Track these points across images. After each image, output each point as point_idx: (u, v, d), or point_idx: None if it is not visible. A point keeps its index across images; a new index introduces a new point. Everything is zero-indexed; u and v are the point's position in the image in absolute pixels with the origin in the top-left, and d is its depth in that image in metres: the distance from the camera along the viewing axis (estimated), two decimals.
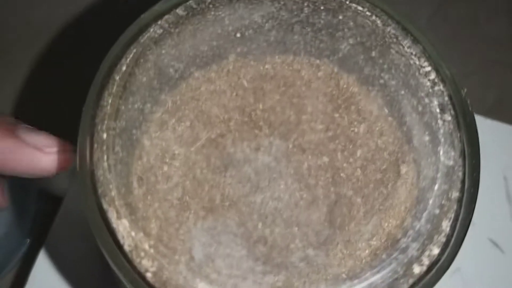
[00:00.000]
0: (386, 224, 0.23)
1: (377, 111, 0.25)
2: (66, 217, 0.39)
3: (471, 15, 0.52)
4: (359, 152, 0.24)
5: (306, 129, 0.24)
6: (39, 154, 0.22)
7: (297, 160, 0.24)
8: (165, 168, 0.23)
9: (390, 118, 0.25)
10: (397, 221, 0.23)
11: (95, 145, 0.22)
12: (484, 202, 0.26)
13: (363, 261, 0.22)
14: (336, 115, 0.25)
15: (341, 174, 0.24)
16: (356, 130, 0.24)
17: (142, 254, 0.21)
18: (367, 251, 0.22)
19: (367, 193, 0.23)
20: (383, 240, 0.23)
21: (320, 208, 0.23)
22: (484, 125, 0.40)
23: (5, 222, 0.43)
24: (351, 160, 0.24)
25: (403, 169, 0.24)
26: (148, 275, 0.21)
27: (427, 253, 0.22)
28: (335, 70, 0.26)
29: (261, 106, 0.25)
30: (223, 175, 0.23)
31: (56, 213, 0.39)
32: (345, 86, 0.26)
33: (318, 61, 0.26)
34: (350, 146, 0.24)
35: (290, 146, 0.24)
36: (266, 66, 0.26)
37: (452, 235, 0.22)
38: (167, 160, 0.23)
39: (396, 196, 0.23)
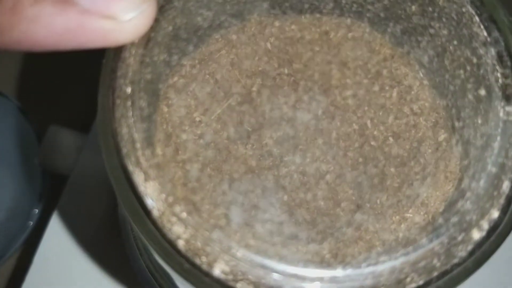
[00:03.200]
0: (437, 187, 0.21)
1: (412, 73, 0.23)
2: (72, 195, 0.38)
3: None
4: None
5: (336, 95, 0.23)
6: (113, 24, 0.17)
7: (327, 129, 0.22)
8: (196, 125, 0.21)
9: (425, 82, 0.23)
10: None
11: (118, 101, 0.20)
12: None
13: (418, 226, 0.20)
14: (366, 81, 0.23)
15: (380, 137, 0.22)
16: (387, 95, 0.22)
17: (174, 219, 0.19)
18: (422, 215, 0.20)
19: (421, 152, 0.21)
20: (438, 204, 0.21)
21: (369, 170, 0.21)
22: None
23: (7, 205, 0.42)
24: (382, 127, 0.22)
25: (442, 135, 0.22)
26: (180, 242, 0.19)
27: (486, 216, 0.20)
28: (367, 30, 0.24)
29: (286, 71, 0.23)
30: (258, 133, 0.21)
31: (62, 192, 0.38)
32: (377, 48, 0.24)
33: (348, 21, 0.24)
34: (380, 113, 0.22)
35: (320, 113, 0.22)
36: (292, 27, 0.23)
37: None
38: (198, 118, 0.21)
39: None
